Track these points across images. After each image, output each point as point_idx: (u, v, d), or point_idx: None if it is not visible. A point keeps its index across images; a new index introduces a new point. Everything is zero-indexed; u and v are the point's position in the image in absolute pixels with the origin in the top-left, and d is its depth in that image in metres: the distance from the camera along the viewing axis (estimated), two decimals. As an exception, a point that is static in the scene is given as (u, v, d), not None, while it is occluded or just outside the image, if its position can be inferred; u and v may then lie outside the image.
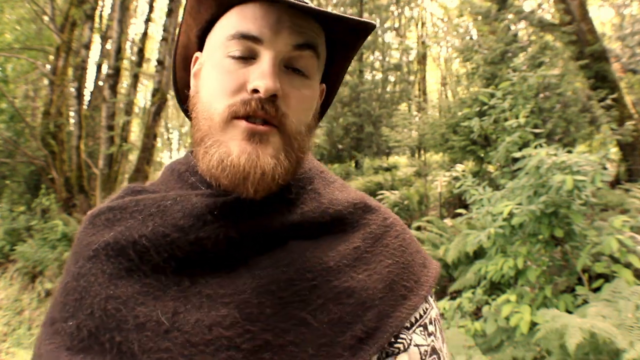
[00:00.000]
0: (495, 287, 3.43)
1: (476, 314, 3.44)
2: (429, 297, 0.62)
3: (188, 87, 0.65)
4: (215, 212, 0.52)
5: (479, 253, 3.90)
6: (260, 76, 0.50)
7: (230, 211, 0.53)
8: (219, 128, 0.51)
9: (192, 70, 0.62)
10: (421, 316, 0.59)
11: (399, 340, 0.55)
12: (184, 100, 0.66)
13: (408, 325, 0.56)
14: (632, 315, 2.24)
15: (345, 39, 0.59)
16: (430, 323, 0.60)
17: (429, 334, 0.59)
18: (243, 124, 0.50)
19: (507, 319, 2.70)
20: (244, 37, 0.51)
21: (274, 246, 0.54)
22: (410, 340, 0.55)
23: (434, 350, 0.58)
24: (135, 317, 0.47)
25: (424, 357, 0.56)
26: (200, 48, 0.61)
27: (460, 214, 4.08)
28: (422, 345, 0.57)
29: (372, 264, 0.57)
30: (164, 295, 0.49)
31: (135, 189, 0.61)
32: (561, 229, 2.85)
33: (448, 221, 5.29)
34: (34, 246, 7.35)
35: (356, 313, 0.51)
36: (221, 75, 0.52)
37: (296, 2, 0.49)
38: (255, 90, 0.50)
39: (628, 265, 2.64)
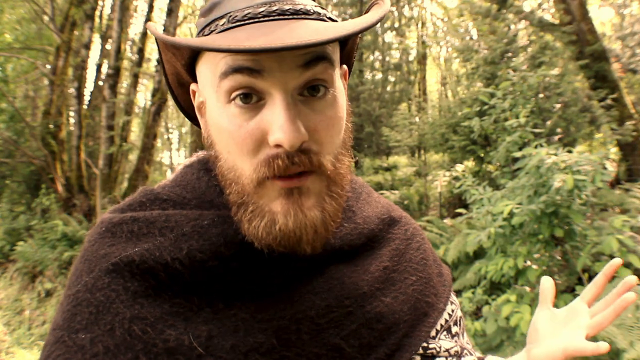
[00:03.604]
0: (495, 287, 3.43)
1: (476, 314, 3.44)
2: (452, 296, 0.66)
3: (192, 104, 0.59)
4: None
5: (479, 253, 3.90)
6: (280, 129, 0.42)
7: None
8: (252, 191, 0.46)
9: (195, 103, 0.55)
10: (446, 321, 0.63)
11: (430, 347, 0.59)
12: (192, 115, 0.62)
13: (434, 333, 0.60)
14: (632, 315, 2.24)
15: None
16: (455, 324, 0.64)
17: (453, 336, 0.63)
18: (277, 184, 0.45)
19: (507, 319, 2.70)
20: (238, 71, 0.43)
21: (314, 272, 0.53)
22: (440, 346, 0.59)
23: (462, 349, 0.63)
24: (165, 340, 0.44)
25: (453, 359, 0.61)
26: (192, 77, 0.54)
27: (460, 214, 4.08)
28: (452, 348, 0.61)
29: (397, 284, 0.59)
30: (195, 316, 0.46)
31: (159, 197, 0.54)
32: (561, 228, 2.85)
33: (448, 221, 5.29)
34: (34, 246, 7.35)
35: (382, 337, 0.53)
36: (233, 129, 0.45)
37: (300, 42, 0.39)
38: (279, 145, 0.43)
39: (628, 265, 2.64)
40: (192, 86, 0.55)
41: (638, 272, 2.79)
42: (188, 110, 0.62)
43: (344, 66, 0.56)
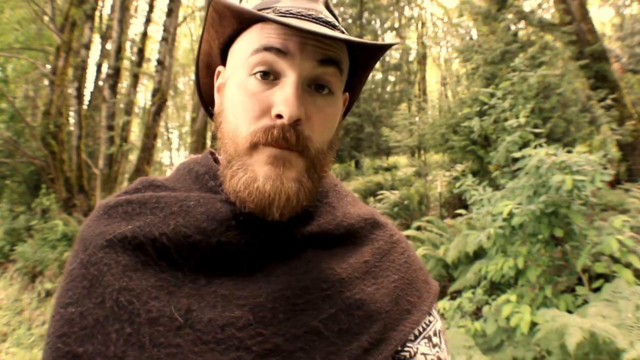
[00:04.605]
0: (495, 287, 3.43)
1: (476, 314, 3.44)
2: (433, 310, 0.65)
3: (212, 92, 0.66)
4: (241, 217, 0.53)
5: (479, 253, 3.90)
6: (284, 102, 0.49)
7: (253, 219, 0.53)
8: (245, 152, 0.52)
9: (216, 84, 0.62)
10: (424, 329, 0.62)
11: (405, 350, 0.58)
12: (208, 104, 0.68)
13: (412, 337, 0.59)
14: (632, 315, 2.24)
15: (367, 56, 0.60)
16: (435, 335, 0.63)
17: (434, 345, 0.62)
18: (268, 150, 0.51)
19: (507, 319, 2.70)
20: (268, 49, 0.51)
21: (292, 254, 0.55)
22: (417, 349, 0.58)
23: None
24: (148, 311, 0.47)
25: None
26: (222, 61, 0.62)
27: (460, 214, 4.08)
28: (429, 355, 0.60)
29: (379, 278, 0.60)
30: (179, 291, 0.49)
31: (154, 183, 0.60)
32: (561, 228, 2.85)
33: (448, 221, 5.29)
34: (34, 246, 7.34)
35: (364, 324, 0.54)
36: (245, 97, 0.52)
37: (322, 32, 0.48)
38: (279, 116, 0.50)
39: (628, 265, 2.64)
40: (219, 68, 0.62)
41: (638, 272, 2.80)
42: (206, 94, 0.69)
43: (347, 93, 0.63)
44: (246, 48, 0.53)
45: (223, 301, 0.49)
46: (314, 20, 0.53)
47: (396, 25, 14.50)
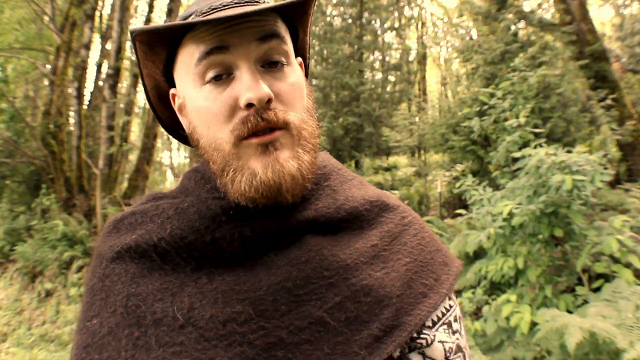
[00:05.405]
0: (495, 287, 3.43)
1: (476, 314, 3.44)
2: (452, 295, 0.63)
3: (175, 122, 0.65)
4: (231, 212, 0.54)
5: (479, 253, 3.90)
6: (248, 89, 0.49)
7: (245, 211, 0.53)
8: (232, 155, 0.52)
9: (175, 107, 0.61)
10: (444, 314, 0.59)
11: (421, 336, 0.55)
12: (176, 134, 0.68)
13: (430, 324, 0.57)
14: (632, 315, 2.24)
15: (298, 12, 0.58)
16: (455, 321, 0.60)
17: (454, 332, 0.59)
18: (253, 141, 0.51)
19: (507, 319, 2.70)
20: (209, 53, 0.51)
21: (290, 243, 0.54)
22: (434, 337, 0.56)
23: (459, 348, 0.58)
24: (153, 312, 0.49)
25: (448, 355, 0.56)
26: (171, 84, 0.61)
27: (460, 214, 4.08)
28: (447, 342, 0.57)
29: (389, 262, 0.57)
30: (181, 291, 0.50)
31: (157, 195, 0.63)
32: (561, 228, 2.85)
33: (448, 221, 5.29)
34: (34, 246, 7.34)
35: (373, 311, 0.52)
36: (209, 105, 0.52)
37: (249, 10, 0.48)
38: (249, 104, 0.50)
39: (628, 265, 2.64)
40: (172, 90, 0.61)
41: (638, 272, 2.80)
42: (171, 126, 0.68)
43: (299, 58, 0.62)
44: (189, 62, 0.53)
45: (224, 297, 0.49)
46: (237, 4, 0.53)
47: (396, 25, 14.49)
